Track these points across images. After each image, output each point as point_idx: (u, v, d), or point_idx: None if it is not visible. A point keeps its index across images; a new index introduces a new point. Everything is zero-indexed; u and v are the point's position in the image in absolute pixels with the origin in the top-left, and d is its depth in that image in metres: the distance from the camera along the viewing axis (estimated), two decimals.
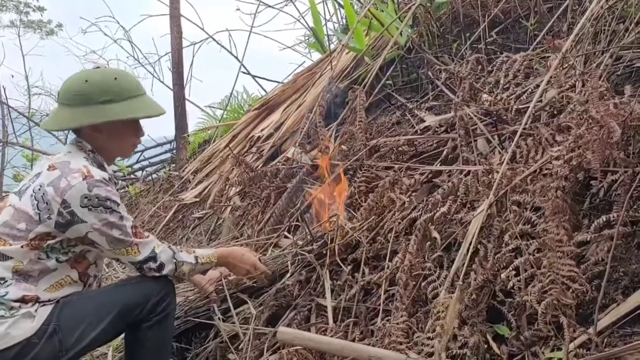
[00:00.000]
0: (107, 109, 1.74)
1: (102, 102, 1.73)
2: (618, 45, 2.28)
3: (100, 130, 1.79)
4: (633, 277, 1.61)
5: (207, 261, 2.00)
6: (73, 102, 1.75)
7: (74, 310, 1.74)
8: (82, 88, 1.75)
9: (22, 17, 11.84)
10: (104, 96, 1.74)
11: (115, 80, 1.77)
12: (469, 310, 1.69)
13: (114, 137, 1.83)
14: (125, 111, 1.76)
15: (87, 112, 1.74)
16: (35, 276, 1.72)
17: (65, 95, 1.77)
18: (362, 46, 3.58)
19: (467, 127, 2.36)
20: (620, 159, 1.69)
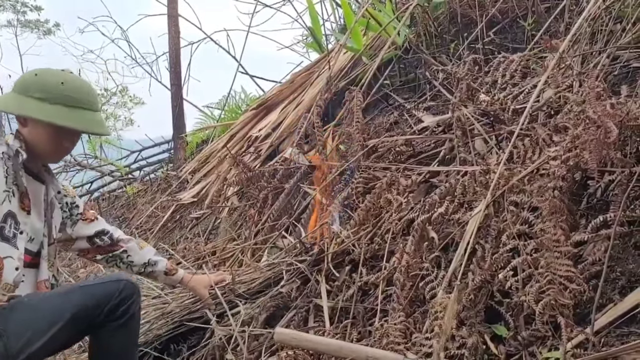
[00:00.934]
0: (32, 105, 1.70)
1: (36, 97, 1.70)
2: (615, 46, 2.28)
3: (26, 123, 1.76)
4: (630, 276, 1.62)
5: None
6: (16, 89, 1.75)
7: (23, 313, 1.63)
8: (27, 78, 1.75)
9: (20, 16, 11.83)
10: (40, 94, 1.70)
11: (61, 85, 1.73)
12: (466, 311, 1.69)
13: (34, 135, 1.76)
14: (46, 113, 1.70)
15: (18, 101, 1.72)
16: None
17: (18, 81, 1.77)
18: (360, 46, 3.59)
19: (464, 128, 2.36)
20: (617, 159, 1.70)
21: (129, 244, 2.13)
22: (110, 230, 2.11)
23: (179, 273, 2.20)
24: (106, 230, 2.10)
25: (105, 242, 2.08)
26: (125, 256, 2.11)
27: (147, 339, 2.28)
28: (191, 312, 2.32)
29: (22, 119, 1.76)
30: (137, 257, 2.13)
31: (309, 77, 4.06)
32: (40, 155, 1.81)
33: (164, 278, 2.18)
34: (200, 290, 2.24)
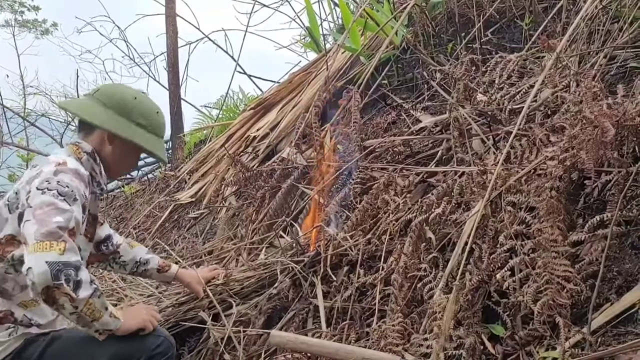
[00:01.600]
0: (137, 131, 1.79)
1: (137, 123, 1.79)
2: (612, 46, 2.29)
3: (114, 143, 1.80)
4: (627, 276, 1.62)
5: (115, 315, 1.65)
6: (110, 105, 1.78)
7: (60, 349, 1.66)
8: (128, 100, 1.80)
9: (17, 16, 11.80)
10: (142, 120, 1.80)
11: (157, 114, 1.86)
12: (464, 311, 1.70)
13: (118, 156, 1.82)
14: (148, 143, 1.81)
15: (119, 122, 1.77)
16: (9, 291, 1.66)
17: (107, 96, 1.79)
18: (358, 46, 3.59)
19: (461, 128, 2.36)
20: (614, 158, 1.70)
21: (122, 245, 2.13)
22: (111, 233, 2.13)
23: (172, 269, 2.21)
24: (110, 235, 2.11)
25: (109, 249, 2.09)
26: (118, 257, 2.12)
27: None
28: (188, 310, 2.32)
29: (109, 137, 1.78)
30: (128, 257, 2.13)
31: (307, 77, 4.06)
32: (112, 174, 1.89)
33: (157, 275, 2.18)
34: (195, 286, 2.24)
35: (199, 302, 2.30)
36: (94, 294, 1.53)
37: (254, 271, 2.33)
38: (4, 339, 1.63)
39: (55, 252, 1.46)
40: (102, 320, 1.58)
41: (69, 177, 1.62)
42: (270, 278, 2.29)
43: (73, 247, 1.52)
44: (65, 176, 1.62)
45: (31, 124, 9.42)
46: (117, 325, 1.63)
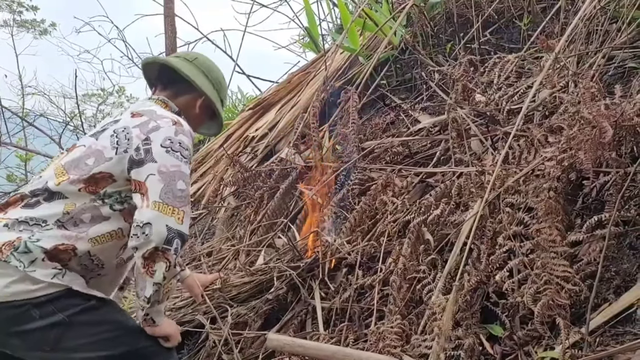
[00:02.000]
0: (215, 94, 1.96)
1: (221, 97, 2.01)
2: (610, 46, 2.29)
3: (197, 106, 1.92)
4: (625, 276, 1.62)
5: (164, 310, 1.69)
6: (211, 78, 1.96)
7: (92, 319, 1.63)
8: (222, 78, 2.01)
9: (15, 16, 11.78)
10: (223, 95, 2.02)
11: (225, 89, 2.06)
12: (462, 312, 1.70)
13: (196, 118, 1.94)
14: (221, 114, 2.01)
15: (210, 88, 1.94)
16: (86, 222, 1.63)
17: (208, 68, 1.96)
18: (357, 46, 3.59)
19: (459, 129, 2.36)
20: (612, 159, 1.70)
21: None
22: None
23: (186, 271, 2.23)
24: None
25: None
26: None
27: None
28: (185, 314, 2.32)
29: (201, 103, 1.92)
30: None
31: (306, 77, 4.06)
32: None
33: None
34: (195, 289, 2.25)
35: (197, 306, 2.30)
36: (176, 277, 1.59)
37: (251, 276, 2.33)
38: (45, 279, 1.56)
39: (174, 219, 1.55)
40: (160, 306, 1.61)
41: (188, 140, 1.70)
42: (267, 283, 2.29)
43: (188, 219, 1.61)
44: (184, 138, 1.69)
45: (29, 124, 9.41)
46: (159, 321, 1.65)
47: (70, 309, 1.58)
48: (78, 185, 1.63)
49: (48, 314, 1.56)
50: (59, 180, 1.64)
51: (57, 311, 1.56)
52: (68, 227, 1.61)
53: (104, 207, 1.65)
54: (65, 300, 1.59)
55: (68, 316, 1.57)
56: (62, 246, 1.59)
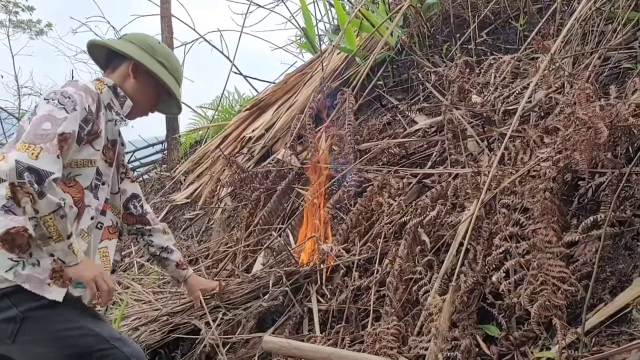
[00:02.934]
0: (159, 67, 1.90)
1: (160, 62, 1.91)
2: (606, 47, 2.29)
3: (137, 75, 1.88)
4: (620, 276, 1.63)
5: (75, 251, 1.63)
6: (140, 44, 1.91)
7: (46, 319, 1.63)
8: (153, 42, 1.95)
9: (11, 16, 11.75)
10: (164, 61, 1.93)
11: (177, 61, 2.01)
12: (459, 313, 1.70)
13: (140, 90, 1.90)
14: (167, 79, 1.92)
15: (144, 56, 1.89)
16: None
17: (136, 37, 1.93)
18: (353, 46, 3.59)
19: (455, 131, 2.36)
20: (608, 159, 1.71)
21: (157, 225, 2.15)
22: (142, 197, 2.14)
23: (189, 270, 2.23)
24: (140, 196, 2.13)
25: (137, 210, 2.10)
26: (148, 234, 2.13)
27: None
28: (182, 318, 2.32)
29: (134, 69, 1.87)
30: (157, 240, 2.15)
31: (303, 77, 4.06)
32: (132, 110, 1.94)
33: (173, 269, 2.18)
34: (196, 292, 2.25)
35: (194, 311, 2.30)
36: (57, 212, 1.54)
37: (248, 284, 2.33)
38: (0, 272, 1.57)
39: (27, 154, 1.51)
40: (61, 244, 1.58)
41: (73, 90, 1.69)
42: (264, 288, 2.29)
43: (51, 157, 1.54)
44: (70, 88, 1.69)
45: None
46: (71, 261, 1.61)
47: (25, 304, 1.60)
48: None
49: (4, 308, 1.59)
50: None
51: (12, 306, 1.59)
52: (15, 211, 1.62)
53: None
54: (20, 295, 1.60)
55: (23, 312, 1.59)
56: (14, 230, 1.60)
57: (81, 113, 1.66)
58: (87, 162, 1.74)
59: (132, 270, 3.48)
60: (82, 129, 1.67)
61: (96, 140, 1.74)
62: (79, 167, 1.72)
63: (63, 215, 1.55)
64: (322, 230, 2.44)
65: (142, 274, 3.35)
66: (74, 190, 1.71)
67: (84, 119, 1.68)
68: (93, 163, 1.75)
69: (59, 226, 1.55)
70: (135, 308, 2.62)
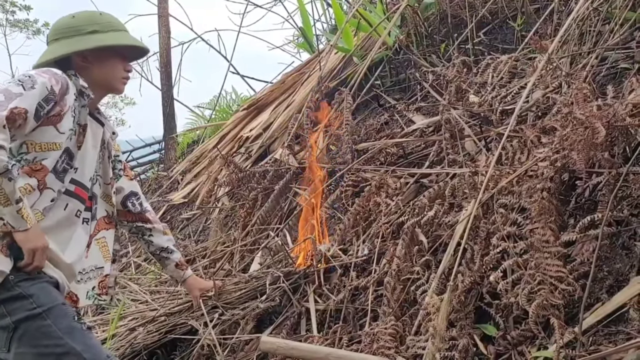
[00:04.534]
0: (93, 38, 1.80)
1: (89, 32, 1.81)
2: (603, 47, 2.30)
3: (89, 59, 1.82)
4: (618, 276, 1.63)
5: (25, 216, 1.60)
6: (61, 36, 1.82)
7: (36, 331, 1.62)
8: (69, 21, 1.83)
9: (8, 16, 11.73)
10: (91, 27, 1.82)
11: (100, 15, 1.87)
12: (456, 313, 1.70)
13: (102, 67, 1.84)
14: (110, 39, 1.82)
15: (76, 42, 1.80)
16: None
17: (54, 31, 1.84)
18: (351, 46, 3.59)
19: (452, 131, 2.37)
20: (605, 159, 1.71)
21: (157, 225, 2.14)
22: (140, 195, 2.13)
23: (188, 271, 2.23)
24: (138, 193, 2.12)
25: (136, 208, 2.09)
26: (148, 234, 2.13)
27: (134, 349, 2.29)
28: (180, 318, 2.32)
29: (81, 58, 1.81)
30: (158, 240, 2.14)
31: (300, 77, 4.06)
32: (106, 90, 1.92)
33: (172, 269, 2.18)
34: (195, 291, 2.25)
35: (192, 312, 2.30)
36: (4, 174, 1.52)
37: (245, 284, 2.33)
38: None
39: None
40: (9, 208, 1.56)
41: (35, 72, 1.67)
42: (261, 288, 2.29)
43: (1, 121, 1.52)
44: (32, 71, 1.67)
45: None
46: (20, 226, 1.60)
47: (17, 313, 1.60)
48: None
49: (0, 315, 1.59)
50: None
51: (7, 314, 1.59)
52: None
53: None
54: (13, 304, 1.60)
55: (15, 321, 1.59)
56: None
57: (41, 92, 1.64)
58: (52, 145, 1.71)
59: (130, 270, 3.48)
60: (41, 107, 1.64)
61: (60, 122, 1.72)
62: (43, 151, 1.70)
63: (11, 178, 1.54)
64: (319, 230, 2.44)
65: (139, 273, 3.35)
66: (40, 174, 1.70)
67: (45, 98, 1.65)
68: (59, 146, 1.72)
69: (6, 189, 1.54)
70: (132, 308, 2.61)
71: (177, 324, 2.31)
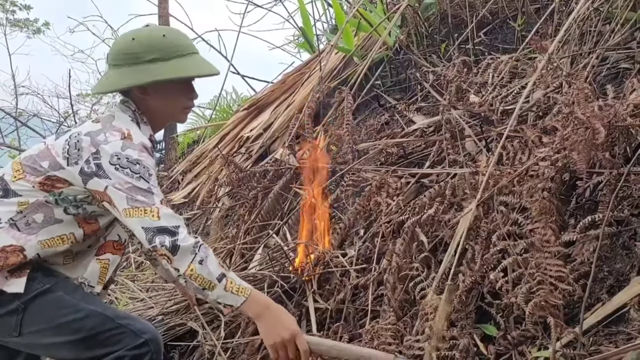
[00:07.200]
0: (153, 68, 1.63)
1: (148, 60, 1.63)
2: (604, 47, 2.30)
3: (148, 92, 1.68)
4: (618, 276, 1.63)
5: (234, 291, 1.56)
6: (121, 62, 1.66)
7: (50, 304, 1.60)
8: (129, 46, 1.66)
9: (8, 15, 11.71)
10: (151, 54, 1.63)
11: (164, 37, 1.67)
12: (457, 312, 1.70)
13: (162, 99, 1.71)
14: (171, 70, 1.64)
15: (134, 72, 1.64)
16: (38, 223, 1.60)
17: (114, 55, 1.69)
18: (351, 46, 3.59)
19: (453, 131, 2.37)
20: (606, 159, 1.71)
21: None
22: None
23: None
24: None
25: None
26: None
27: None
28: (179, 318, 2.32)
29: (140, 91, 1.68)
30: None
31: (301, 77, 4.06)
32: (166, 121, 1.82)
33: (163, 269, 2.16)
34: (192, 293, 2.24)
35: (190, 312, 2.30)
36: (195, 260, 1.52)
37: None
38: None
39: (148, 218, 1.53)
40: (215, 291, 1.54)
41: (137, 154, 1.59)
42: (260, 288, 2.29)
43: (168, 212, 1.56)
44: (132, 152, 1.59)
45: (23, 124, 9.38)
46: (237, 302, 1.55)
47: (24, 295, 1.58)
48: (33, 183, 1.62)
49: (6, 302, 1.57)
50: (16, 178, 1.63)
51: (14, 298, 1.57)
52: (18, 229, 1.60)
53: (57, 208, 1.63)
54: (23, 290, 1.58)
55: (23, 302, 1.58)
56: (10, 247, 1.58)
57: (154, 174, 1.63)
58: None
59: (130, 268, 3.48)
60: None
61: None
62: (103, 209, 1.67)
63: (203, 262, 1.54)
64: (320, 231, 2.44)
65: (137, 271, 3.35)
66: (89, 228, 1.68)
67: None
68: None
69: (203, 273, 1.53)
70: (130, 307, 2.61)
71: (176, 325, 2.31)
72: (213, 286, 1.54)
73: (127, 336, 1.61)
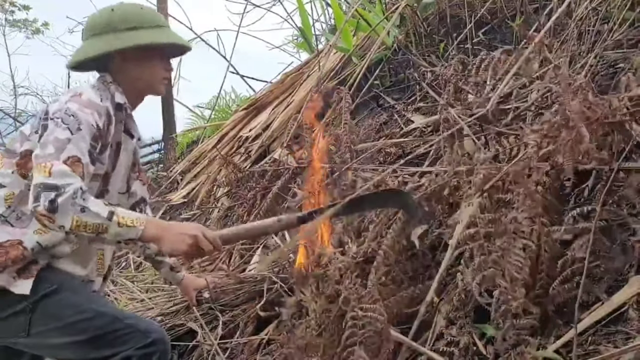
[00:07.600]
0: (133, 35, 1.69)
1: (128, 28, 1.69)
2: (602, 47, 2.30)
3: (129, 58, 1.73)
4: (617, 275, 1.63)
5: (129, 224, 1.49)
6: (101, 31, 1.71)
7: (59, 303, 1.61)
8: (109, 16, 1.71)
9: (7, 15, 11.72)
10: (131, 23, 1.70)
11: (142, 9, 1.76)
12: (456, 312, 1.70)
13: (141, 67, 1.75)
14: (152, 36, 1.71)
15: (115, 39, 1.69)
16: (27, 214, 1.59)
17: (91, 26, 1.73)
18: (350, 46, 3.59)
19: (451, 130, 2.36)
20: (601, 157, 1.71)
21: None
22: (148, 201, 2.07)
23: (182, 272, 2.21)
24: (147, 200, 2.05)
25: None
26: None
27: None
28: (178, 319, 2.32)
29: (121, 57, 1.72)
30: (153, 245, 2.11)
31: (299, 77, 4.06)
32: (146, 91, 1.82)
33: (167, 272, 2.16)
34: (190, 292, 2.24)
35: (190, 312, 2.30)
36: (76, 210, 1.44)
37: (241, 284, 2.33)
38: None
39: (41, 175, 1.45)
40: (111, 231, 1.48)
41: (77, 107, 1.58)
42: (259, 290, 2.29)
43: (62, 169, 1.46)
44: (73, 105, 1.58)
45: (22, 124, 9.34)
46: (137, 233, 1.50)
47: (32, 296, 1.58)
48: (11, 168, 1.62)
49: (14, 302, 1.58)
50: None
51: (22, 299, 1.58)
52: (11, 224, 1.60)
53: None
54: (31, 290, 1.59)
55: (31, 303, 1.58)
56: (7, 242, 1.58)
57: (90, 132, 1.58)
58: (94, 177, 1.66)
59: (129, 269, 3.48)
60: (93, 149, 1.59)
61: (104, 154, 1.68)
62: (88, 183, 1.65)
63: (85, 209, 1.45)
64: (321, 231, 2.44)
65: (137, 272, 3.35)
66: None
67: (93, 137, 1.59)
68: (98, 177, 1.68)
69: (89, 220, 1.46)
70: (129, 307, 2.61)
71: (175, 325, 2.31)
72: (106, 227, 1.47)
73: (134, 336, 1.60)
